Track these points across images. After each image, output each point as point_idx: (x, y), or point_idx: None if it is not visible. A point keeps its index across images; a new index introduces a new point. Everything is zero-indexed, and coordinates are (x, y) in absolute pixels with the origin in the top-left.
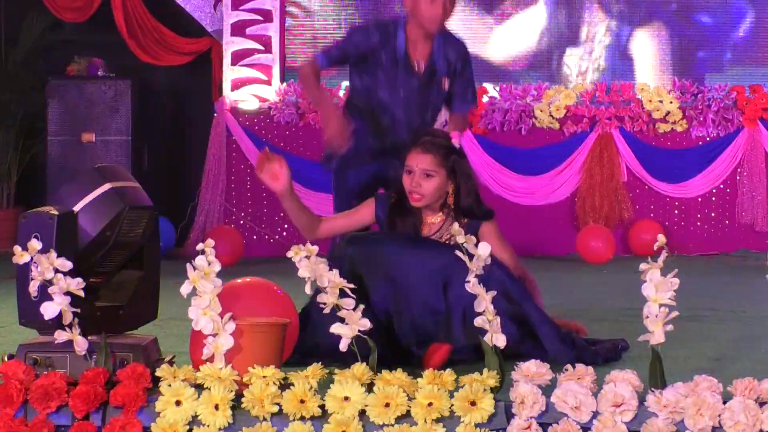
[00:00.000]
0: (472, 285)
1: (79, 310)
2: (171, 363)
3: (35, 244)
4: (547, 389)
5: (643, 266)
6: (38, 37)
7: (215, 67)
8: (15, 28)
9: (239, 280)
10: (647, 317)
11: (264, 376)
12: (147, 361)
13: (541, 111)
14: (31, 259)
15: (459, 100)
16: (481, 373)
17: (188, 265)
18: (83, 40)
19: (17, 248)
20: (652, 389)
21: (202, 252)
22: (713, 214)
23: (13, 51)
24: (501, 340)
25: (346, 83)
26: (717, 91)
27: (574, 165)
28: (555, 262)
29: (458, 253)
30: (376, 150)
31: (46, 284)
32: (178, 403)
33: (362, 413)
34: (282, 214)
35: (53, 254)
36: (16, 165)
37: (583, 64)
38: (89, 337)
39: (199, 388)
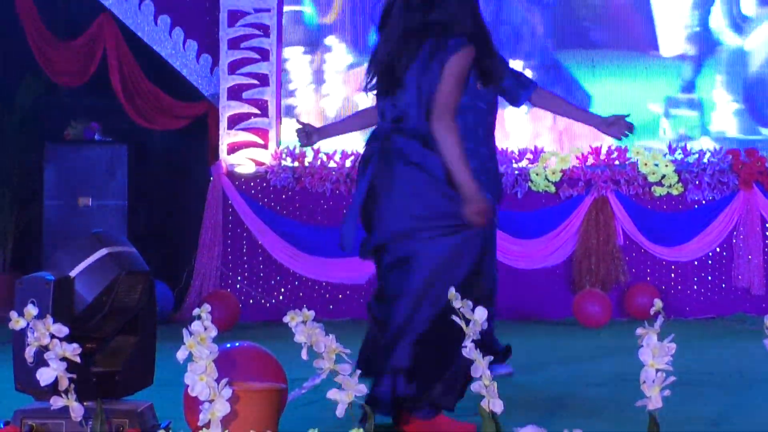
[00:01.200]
0: (469, 350)
1: (75, 376)
2: (167, 429)
3: (31, 310)
4: None
5: (639, 331)
6: (35, 101)
7: (212, 130)
8: (11, 92)
9: (228, 345)
10: (644, 382)
11: None
12: (143, 427)
13: (537, 174)
14: (28, 324)
15: (518, 89)
16: None
17: (184, 330)
18: (80, 104)
19: (13, 314)
20: None
21: (198, 317)
22: (710, 278)
23: (9, 115)
24: (498, 406)
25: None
26: (713, 154)
27: (570, 228)
28: (552, 326)
29: (455, 318)
30: None
31: (42, 350)
32: None
33: None
34: (278, 278)
35: (49, 320)
36: (12, 229)
37: None
38: (85, 403)
39: None
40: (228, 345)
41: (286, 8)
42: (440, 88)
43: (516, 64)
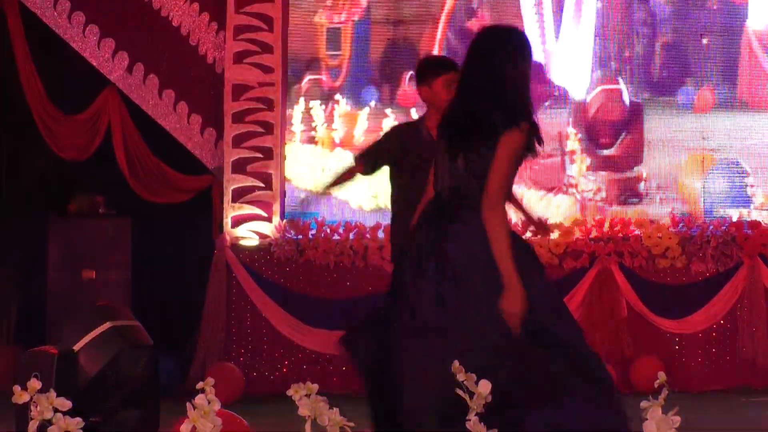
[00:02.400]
0: (473, 424)
1: None
2: None
3: (35, 384)
4: None
5: (644, 404)
6: (39, 174)
7: (216, 203)
8: (16, 166)
9: None
10: None
11: None
12: None
13: (541, 246)
14: (31, 398)
15: None
16: None
17: (188, 403)
18: (84, 177)
19: (16, 388)
20: None
21: (202, 390)
22: (714, 350)
23: (14, 188)
24: None
25: None
26: (716, 226)
27: (573, 300)
28: None
29: (458, 391)
30: None
31: (45, 424)
32: None
33: None
34: (282, 350)
35: (53, 393)
36: (15, 302)
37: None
38: None
39: None
40: None
41: None
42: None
43: None
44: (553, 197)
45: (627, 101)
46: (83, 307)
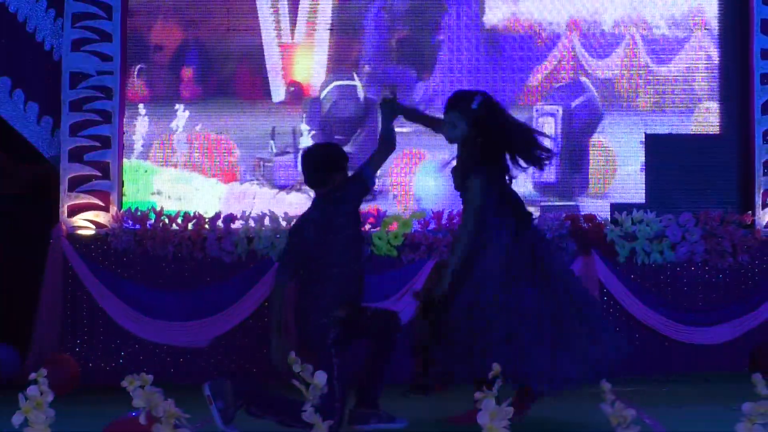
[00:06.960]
0: (308, 414)
1: None
2: None
3: None
4: None
5: (478, 395)
6: None
7: (53, 192)
8: None
9: None
10: None
11: None
12: None
13: (380, 239)
14: None
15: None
16: None
17: (20, 395)
18: None
19: None
20: None
21: (35, 381)
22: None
23: None
24: None
25: None
26: (552, 220)
27: (411, 292)
28: (392, 387)
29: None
30: None
31: None
32: None
33: None
34: (119, 341)
35: None
36: None
37: None
38: None
39: None
40: None
41: None
42: None
43: None
44: (287, 195)
45: (362, 97)
46: None
